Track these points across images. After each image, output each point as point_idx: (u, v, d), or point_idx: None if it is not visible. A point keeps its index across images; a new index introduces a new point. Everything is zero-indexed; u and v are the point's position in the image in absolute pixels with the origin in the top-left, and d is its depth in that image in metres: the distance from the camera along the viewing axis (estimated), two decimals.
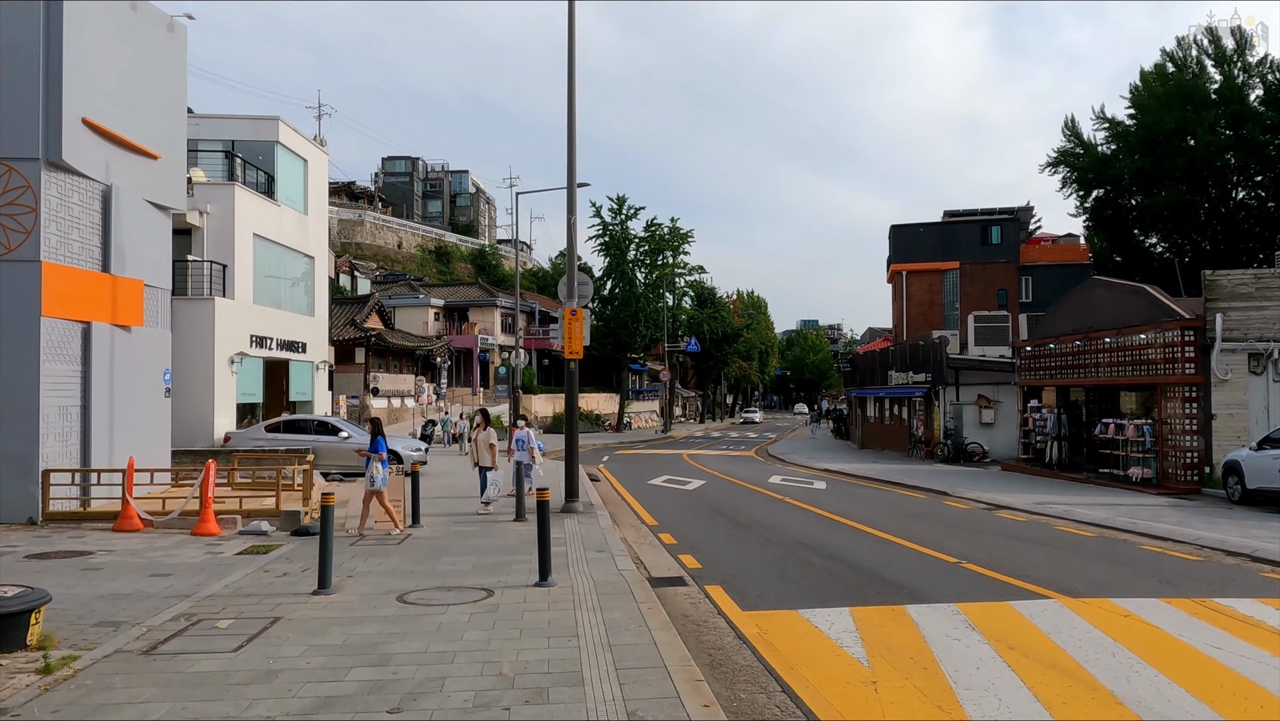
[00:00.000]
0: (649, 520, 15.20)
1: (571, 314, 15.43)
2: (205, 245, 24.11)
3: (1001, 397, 32.83)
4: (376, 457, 12.83)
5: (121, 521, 13.02)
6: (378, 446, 12.89)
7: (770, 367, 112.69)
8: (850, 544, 12.35)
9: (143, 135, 15.73)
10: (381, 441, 12.98)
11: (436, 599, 8.39)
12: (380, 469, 12.87)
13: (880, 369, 41.77)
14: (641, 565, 10.79)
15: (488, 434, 15.55)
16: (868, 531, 13.62)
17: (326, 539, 8.66)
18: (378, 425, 13.21)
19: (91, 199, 14.54)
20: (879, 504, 17.89)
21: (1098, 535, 13.44)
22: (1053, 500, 17.91)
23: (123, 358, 15.16)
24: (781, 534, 13.34)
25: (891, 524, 14.54)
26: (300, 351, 28.29)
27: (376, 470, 12.81)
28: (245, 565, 10.45)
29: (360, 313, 46.32)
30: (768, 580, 9.72)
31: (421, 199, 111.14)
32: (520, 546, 11.60)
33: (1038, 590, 9.07)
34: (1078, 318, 25.24)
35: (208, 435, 23.04)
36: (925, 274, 52.55)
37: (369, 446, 12.97)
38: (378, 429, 13.09)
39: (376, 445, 12.91)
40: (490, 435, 15.52)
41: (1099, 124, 46.04)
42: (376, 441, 12.93)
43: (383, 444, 12.97)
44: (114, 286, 14.88)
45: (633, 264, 56.18)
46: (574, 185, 15.49)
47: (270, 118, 27.30)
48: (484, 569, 10.07)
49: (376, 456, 12.83)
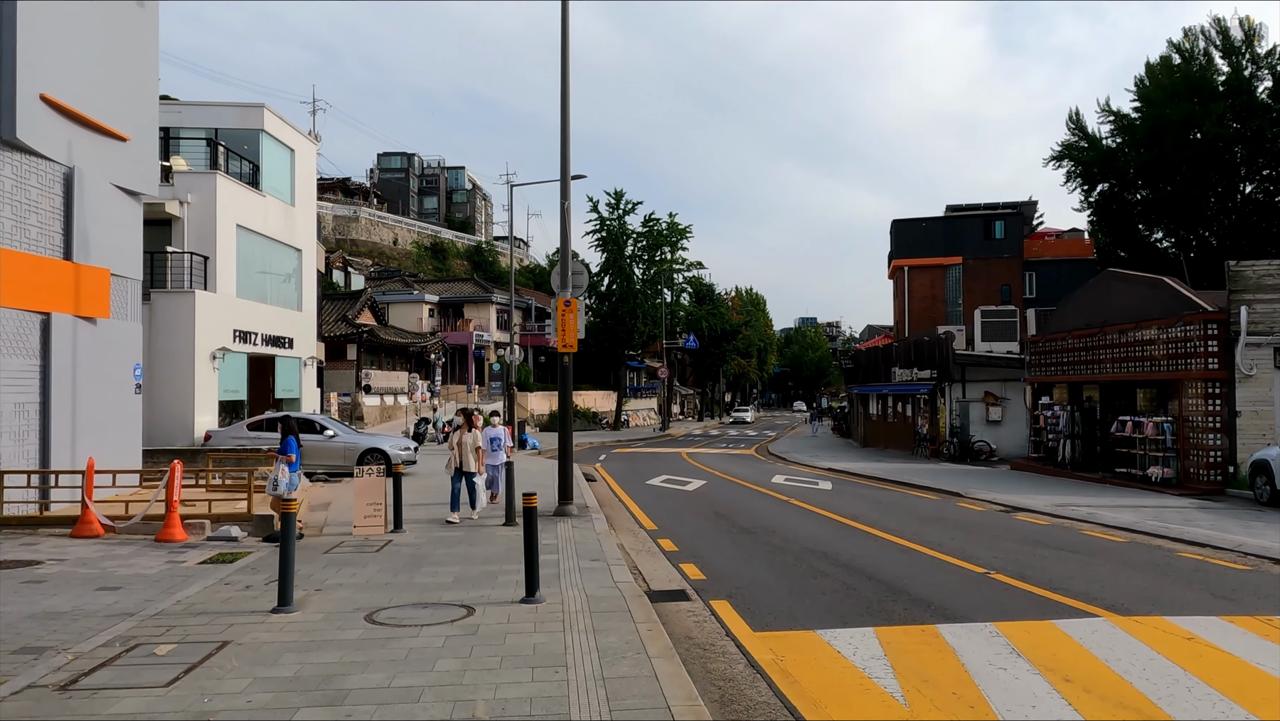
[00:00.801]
0: (648, 524, 14.29)
1: (565, 304, 14.51)
2: (186, 236, 23.17)
3: (1009, 395, 31.97)
4: (284, 460, 11.66)
5: (80, 527, 12.09)
6: (286, 447, 11.73)
7: (769, 365, 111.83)
8: (865, 551, 11.44)
9: (110, 115, 14.78)
10: (291, 442, 11.79)
11: (410, 618, 7.47)
12: (286, 472, 11.66)
13: (883, 365, 40.89)
14: (640, 576, 9.88)
15: (473, 436, 14.01)
16: (882, 537, 12.71)
17: (287, 550, 7.73)
18: (288, 423, 12.10)
19: (52, 181, 13.59)
20: (889, 506, 16.99)
21: (1129, 540, 12.54)
22: (1072, 502, 17.02)
23: (87, 351, 14.22)
24: (790, 540, 12.43)
25: (906, 528, 13.63)
26: (287, 347, 27.36)
27: (281, 474, 11.62)
28: (206, 576, 9.52)
29: (352, 308, 45.37)
30: (779, 594, 8.80)
31: (417, 195, 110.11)
32: (508, 554, 10.69)
33: (1081, 606, 8.16)
34: (1091, 311, 24.35)
35: (188, 434, 22.11)
36: (928, 269, 51.61)
37: (278, 447, 11.80)
38: (289, 427, 11.97)
39: (285, 446, 11.74)
40: (475, 438, 14.00)
41: (1104, 117, 45.24)
42: (285, 442, 11.77)
43: (292, 444, 11.79)
44: (77, 275, 13.94)
45: (630, 259, 55.24)
46: (568, 167, 14.56)
47: (255, 105, 26.37)
48: (467, 581, 9.15)
49: (284, 459, 11.66)
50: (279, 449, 11.84)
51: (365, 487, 12.73)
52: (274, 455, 16.35)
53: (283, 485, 11.66)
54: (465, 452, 13.85)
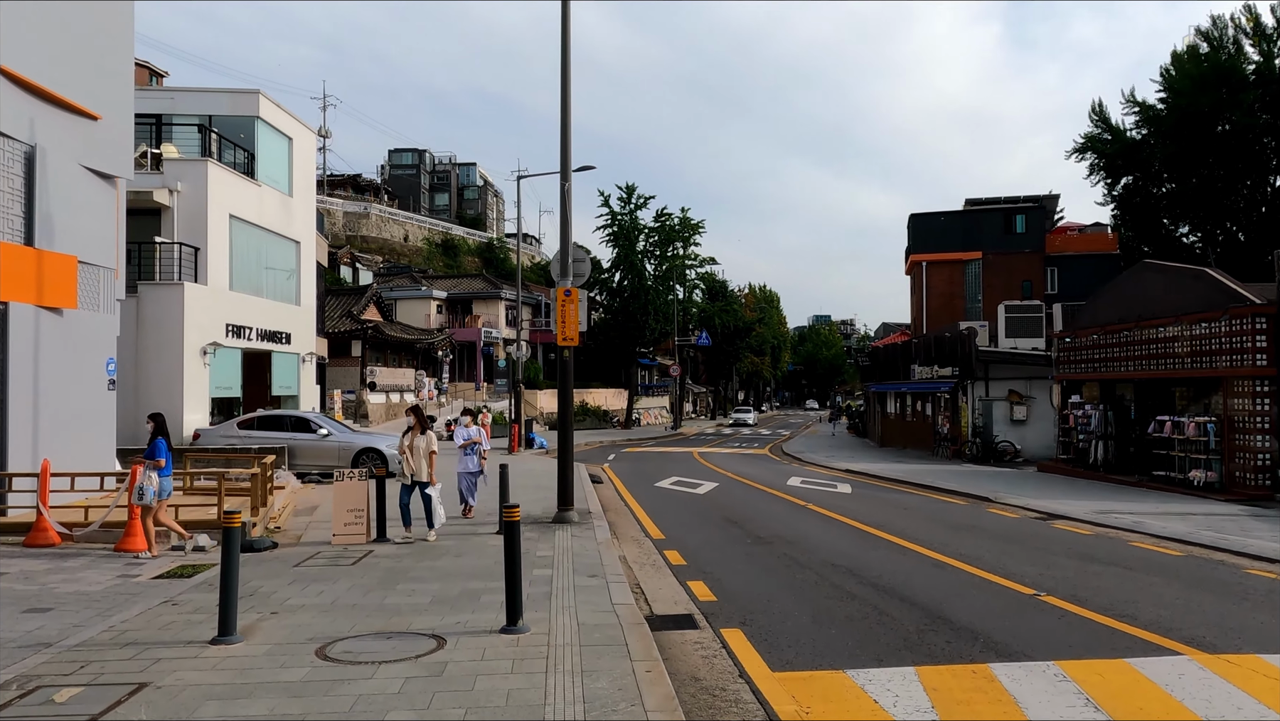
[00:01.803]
0: (654, 532, 13.17)
1: (565, 294, 13.40)
2: (176, 226, 22.20)
3: (1035, 393, 30.68)
4: (152, 465, 10.34)
5: (34, 535, 11.07)
6: (155, 450, 10.39)
7: (783, 363, 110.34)
8: (894, 566, 10.28)
9: (79, 92, 13.76)
10: (161, 444, 10.43)
11: (368, 652, 6.38)
12: (156, 480, 10.32)
13: (902, 363, 39.60)
14: (642, 596, 8.76)
15: (426, 439, 11.92)
16: (911, 548, 11.55)
17: (228, 573, 6.65)
18: (160, 422, 10.66)
19: (10, 160, 12.58)
20: (915, 512, 15.82)
21: (1185, 554, 11.34)
22: (1113, 508, 15.79)
23: (52, 344, 13.21)
24: (809, 551, 11.28)
25: (935, 537, 12.47)
26: (284, 342, 26.37)
27: (149, 481, 10.27)
28: (154, 594, 8.47)
29: (357, 304, 44.44)
30: (801, 621, 7.66)
31: (428, 192, 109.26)
32: (498, 568, 9.55)
33: (1155, 639, 7.00)
34: (1125, 305, 23.06)
35: (177, 432, 21.06)
36: (946, 264, 50.28)
37: (145, 450, 10.48)
38: (160, 427, 10.57)
39: (153, 449, 10.41)
40: (430, 441, 11.94)
41: (1128, 108, 43.84)
42: (154, 444, 10.43)
43: (162, 447, 10.44)
44: (39, 262, 12.92)
45: (642, 255, 54.04)
46: (568, 146, 13.44)
47: (250, 91, 25.40)
48: (445, 602, 8.06)
49: (152, 464, 10.34)
50: (145, 452, 10.49)
51: (345, 492, 11.67)
52: (259, 456, 15.40)
53: (150, 494, 10.33)
54: (416, 459, 11.94)
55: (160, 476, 10.44)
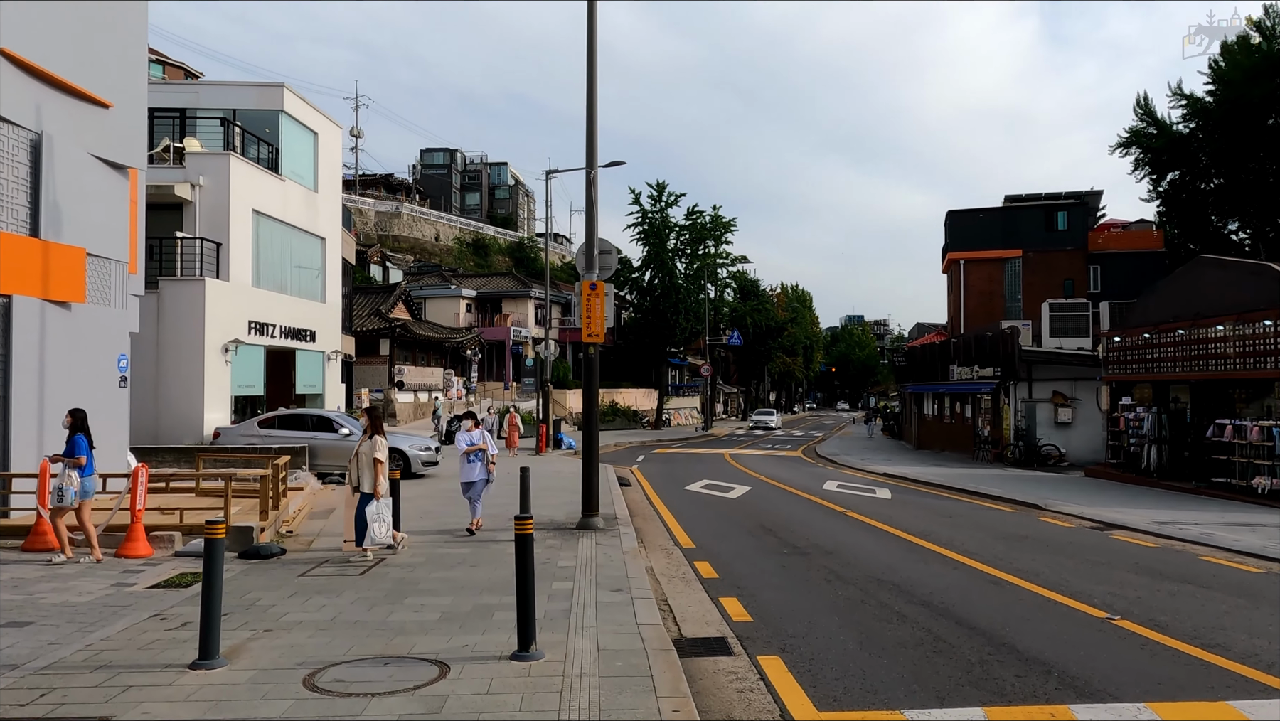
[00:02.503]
0: (684, 540, 12.41)
1: (590, 288, 12.68)
2: (198, 221, 21.80)
3: (1080, 394, 29.51)
4: (71, 463, 9.69)
5: (32, 539, 10.56)
6: (74, 448, 9.73)
7: (815, 364, 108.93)
8: (946, 582, 9.44)
9: (88, 78, 13.29)
10: (80, 441, 9.77)
11: (362, 682, 5.69)
12: (76, 479, 9.63)
13: (940, 363, 38.46)
14: (670, 614, 8.01)
15: (372, 445, 10.36)
16: (962, 561, 10.69)
17: (210, 591, 5.98)
18: (79, 419, 9.95)
19: (15, 148, 12.11)
20: (961, 520, 14.91)
21: (1265, 570, 10.37)
22: (1174, 518, 14.78)
23: (59, 340, 12.73)
24: (851, 564, 10.46)
25: (986, 549, 11.59)
26: (308, 340, 25.93)
27: (69, 480, 9.58)
28: (144, 607, 7.87)
29: (386, 302, 44.11)
30: (847, 647, 6.87)
31: (460, 191, 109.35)
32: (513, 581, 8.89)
33: (1257, 676, 6.13)
34: (1180, 302, 21.92)
35: (197, 431, 20.73)
36: (985, 262, 48.94)
37: (64, 450, 9.84)
38: (79, 424, 9.89)
39: (73, 446, 9.74)
40: (376, 447, 10.34)
41: (1175, 101, 42.43)
42: (73, 441, 9.75)
43: (82, 444, 9.77)
44: (45, 254, 12.45)
45: (673, 253, 53.25)
46: (594, 131, 12.71)
47: (274, 84, 24.95)
48: (455, 620, 7.36)
49: (72, 462, 9.70)
50: (65, 451, 9.86)
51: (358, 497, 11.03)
52: (275, 457, 14.84)
53: (70, 495, 9.66)
54: (360, 465, 10.37)
55: (82, 476, 9.78)
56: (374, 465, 10.27)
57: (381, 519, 10.10)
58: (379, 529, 10.07)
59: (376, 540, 10.11)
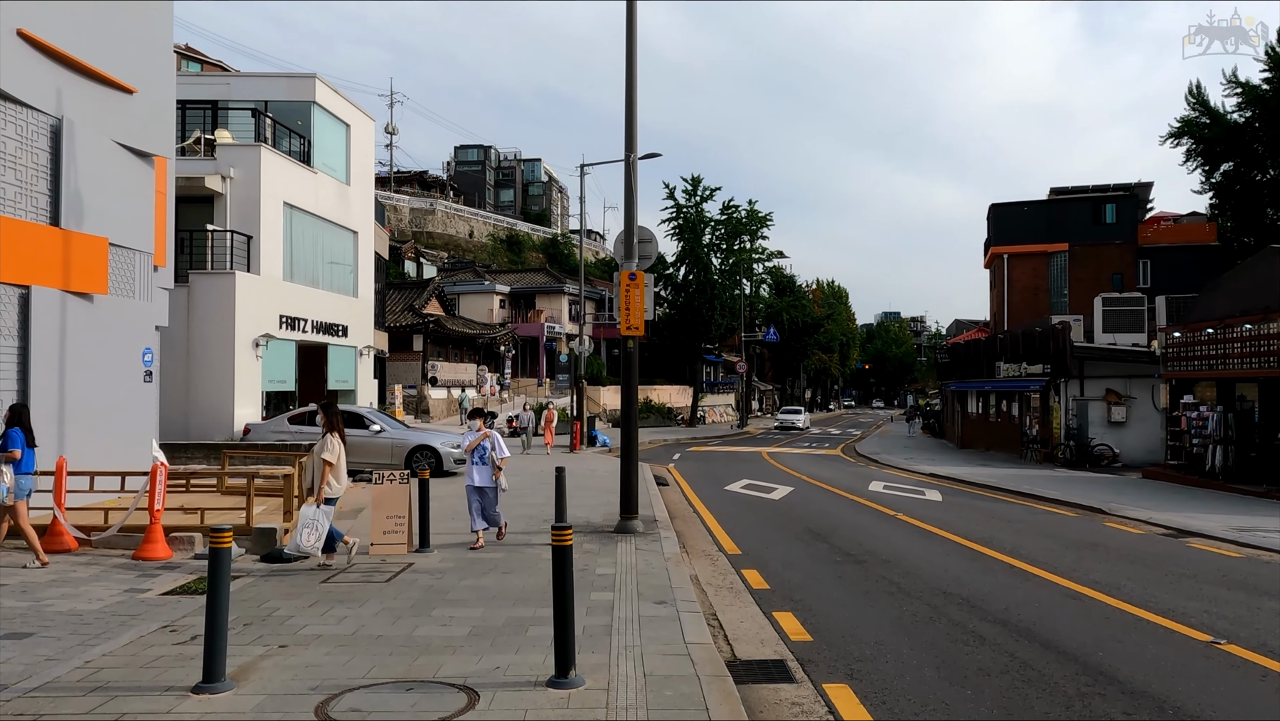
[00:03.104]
0: (728, 546, 11.69)
1: (630, 278, 12.00)
2: (229, 214, 21.44)
3: (1134, 392, 28.32)
4: (5, 458, 8.98)
5: (47, 540, 10.08)
6: (9, 442, 9.03)
7: (851, 361, 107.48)
8: (1021, 596, 8.64)
9: (111, 63, 12.84)
10: (15, 435, 9.07)
11: (381, 710, 5.06)
12: (10, 475, 8.96)
13: (985, 359, 37.31)
14: (720, 631, 7.30)
15: (322, 444, 9.48)
16: (1033, 572, 9.87)
17: (215, 608, 5.38)
18: (16, 412, 9.30)
19: (35, 133, 11.68)
20: (1022, 525, 14.03)
21: None
22: (1253, 525, 13.79)
23: (80, 332, 12.30)
24: (913, 574, 9.68)
25: (1056, 558, 10.75)
26: (341, 335, 25.54)
27: (4, 476, 8.94)
28: (155, 616, 7.33)
29: (419, 298, 43.83)
30: (923, 674, 6.12)
31: (494, 188, 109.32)
32: (549, 591, 8.25)
33: None
34: (1249, 295, 20.75)
35: (227, 427, 20.38)
36: (1029, 257, 47.61)
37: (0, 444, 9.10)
38: (16, 417, 9.24)
39: (8, 440, 9.03)
40: (325, 447, 9.39)
41: (1229, 89, 40.80)
42: (8, 435, 9.06)
43: (17, 438, 9.07)
44: (65, 244, 12.02)
45: (708, 248, 52.37)
46: (634, 113, 12.02)
47: (306, 75, 24.55)
48: (486, 635, 6.73)
49: (5, 456, 8.98)
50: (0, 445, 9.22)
51: (384, 497, 10.47)
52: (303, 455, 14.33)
53: (1, 491, 9.01)
54: (308, 469, 9.35)
55: (17, 472, 9.14)
56: (324, 468, 9.28)
57: (315, 526, 9.16)
58: (307, 536, 9.08)
59: (302, 547, 9.11)
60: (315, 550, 9.22)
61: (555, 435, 30.28)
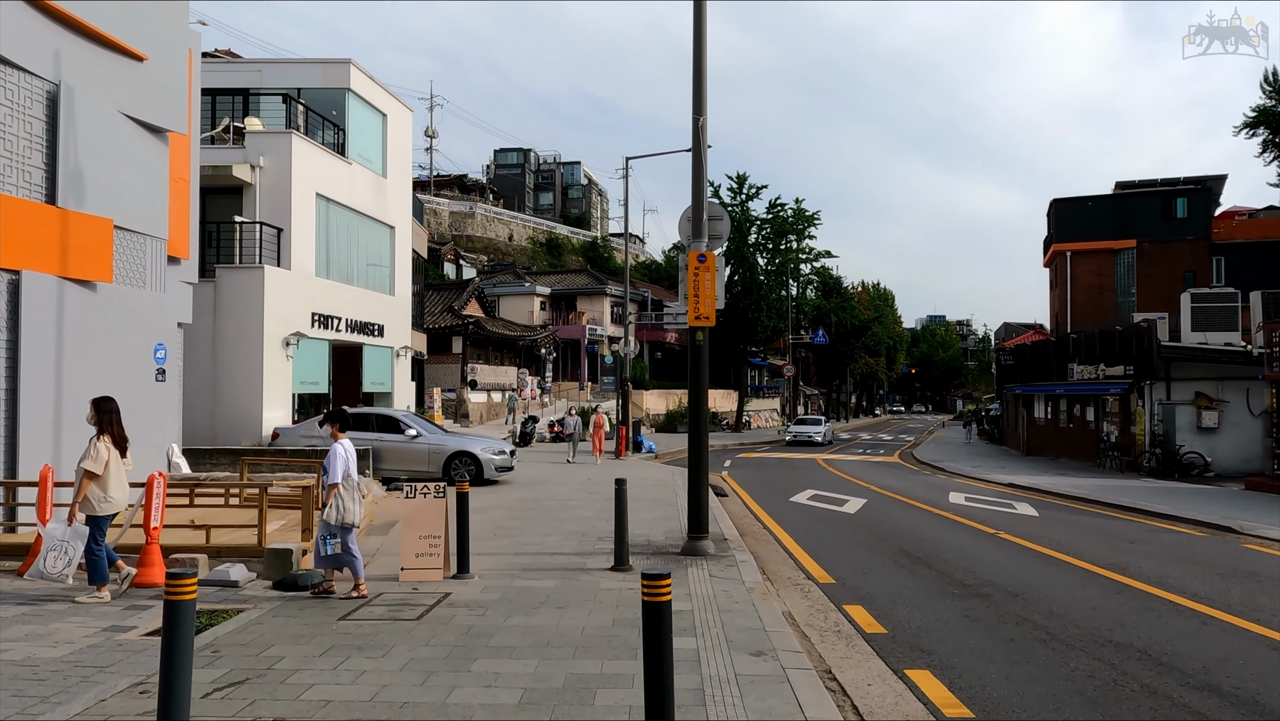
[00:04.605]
0: (816, 571, 9.99)
1: (699, 260, 10.36)
2: (258, 205, 20.20)
3: (1228, 396, 26.06)
4: None
5: (30, 560, 8.72)
6: None
7: (898, 365, 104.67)
8: (1212, 648, 6.84)
9: (119, 26, 11.54)
10: None
11: None
12: None
13: (1056, 361, 35.07)
14: (845, 699, 5.61)
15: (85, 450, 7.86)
16: (1211, 615, 8.02)
17: (171, 694, 3.84)
18: None
19: (29, 100, 10.37)
20: (1149, 546, 12.14)
21: None
22: None
23: (80, 324, 10.97)
24: (1058, 616, 7.89)
25: (1221, 593, 8.90)
26: (377, 335, 24.23)
27: None
28: (128, 668, 5.85)
29: (458, 299, 42.58)
30: None
31: (533, 191, 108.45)
32: (617, 634, 6.65)
33: None
34: None
35: (256, 431, 19.09)
36: (1094, 254, 45.20)
37: None
38: None
39: None
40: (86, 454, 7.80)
41: None
42: None
43: None
44: (63, 224, 10.69)
45: (754, 248, 50.58)
46: (703, 66, 10.40)
47: (341, 60, 23.27)
48: (541, 704, 5.14)
49: None
50: None
51: (417, 514, 8.95)
52: None
53: None
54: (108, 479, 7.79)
55: None
56: (81, 478, 7.69)
57: (63, 548, 7.63)
58: (52, 560, 7.62)
59: (45, 572, 7.65)
60: (58, 575, 7.65)
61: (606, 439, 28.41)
